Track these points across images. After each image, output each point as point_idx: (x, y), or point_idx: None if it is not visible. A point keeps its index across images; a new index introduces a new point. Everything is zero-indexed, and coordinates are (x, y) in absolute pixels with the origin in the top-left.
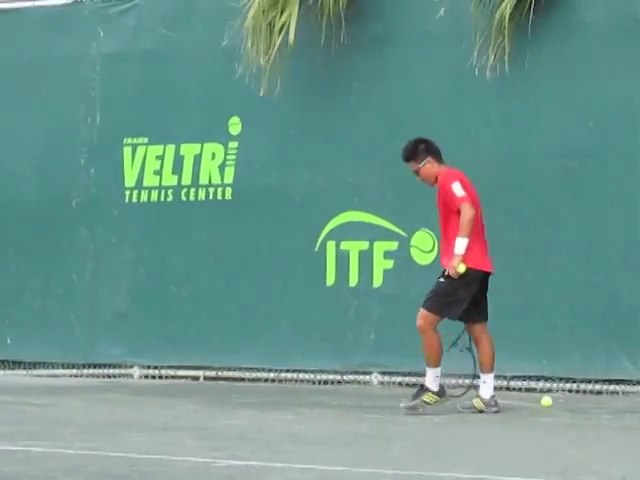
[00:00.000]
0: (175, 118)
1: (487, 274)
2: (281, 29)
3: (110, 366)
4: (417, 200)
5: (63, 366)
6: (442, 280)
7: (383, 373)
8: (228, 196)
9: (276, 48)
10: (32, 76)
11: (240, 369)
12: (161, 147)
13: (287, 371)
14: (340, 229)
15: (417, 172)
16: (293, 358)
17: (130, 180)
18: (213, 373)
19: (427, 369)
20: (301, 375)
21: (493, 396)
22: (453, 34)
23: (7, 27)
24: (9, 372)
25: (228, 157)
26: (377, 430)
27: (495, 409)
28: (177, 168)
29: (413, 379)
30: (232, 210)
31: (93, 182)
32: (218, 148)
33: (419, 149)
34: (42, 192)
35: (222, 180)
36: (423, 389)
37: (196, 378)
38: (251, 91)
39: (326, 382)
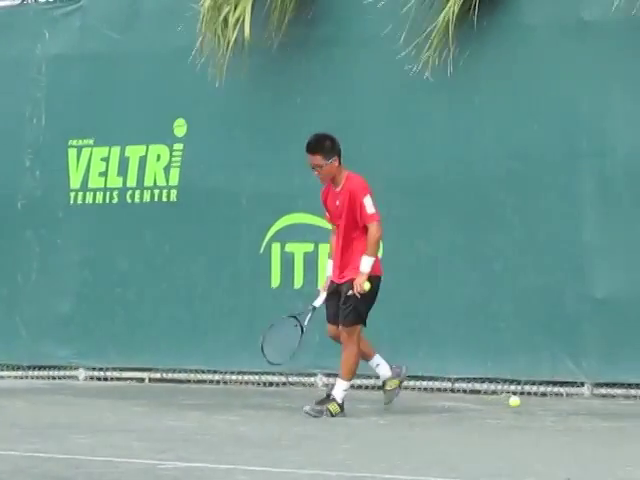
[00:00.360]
0: (120, 120)
1: None
2: (235, 25)
3: (55, 368)
4: None
5: (8, 367)
6: (355, 295)
7: (328, 375)
8: (173, 198)
9: (231, 43)
10: None
11: (185, 371)
12: (106, 149)
13: (232, 373)
14: (285, 231)
15: (320, 167)
16: (238, 360)
17: (75, 182)
18: (158, 375)
19: (340, 380)
20: (246, 377)
21: (391, 366)
22: (399, 36)
23: None
24: None
25: (173, 159)
26: (322, 432)
27: (404, 367)
28: (122, 170)
29: (358, 381)
30: (177, 212)
31: (38, 184)
32: (163, 150)
33: (327, 145)
34: None
35: (167, 182)
36: (330, 399)
37: (141, 380)
38: (197, 93)
39: (271, 384)
